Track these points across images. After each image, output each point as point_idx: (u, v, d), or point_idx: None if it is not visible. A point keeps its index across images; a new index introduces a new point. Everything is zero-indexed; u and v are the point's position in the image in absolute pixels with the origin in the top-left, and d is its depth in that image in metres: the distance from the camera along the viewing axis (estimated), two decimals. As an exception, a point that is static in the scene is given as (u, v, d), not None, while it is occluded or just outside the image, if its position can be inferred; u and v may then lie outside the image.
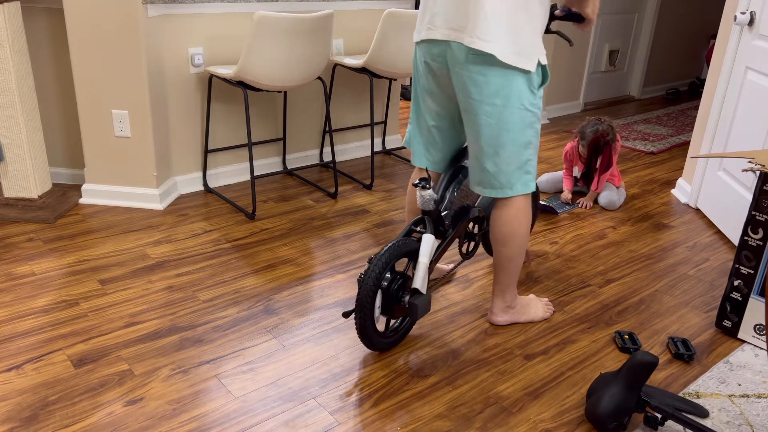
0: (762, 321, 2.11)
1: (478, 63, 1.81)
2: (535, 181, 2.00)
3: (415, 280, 1.92)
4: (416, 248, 1.95)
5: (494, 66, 1.80)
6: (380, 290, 1.89)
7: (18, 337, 2.01)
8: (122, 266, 2.45)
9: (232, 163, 3.34)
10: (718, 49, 3.08)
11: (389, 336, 2.00)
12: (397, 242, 1.91)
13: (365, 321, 1.87)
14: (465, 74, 1.84)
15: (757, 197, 2.03)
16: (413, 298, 1.91)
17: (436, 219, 2.02)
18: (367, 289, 1.83)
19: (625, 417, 1.68)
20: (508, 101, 1.83)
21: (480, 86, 1.83)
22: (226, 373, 1.88)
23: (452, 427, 1.72)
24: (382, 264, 1.85)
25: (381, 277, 1.85)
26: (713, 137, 3.08)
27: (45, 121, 3.09)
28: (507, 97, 1.83)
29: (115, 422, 1.68)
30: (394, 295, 1.93)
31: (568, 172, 3.36)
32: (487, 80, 1.82)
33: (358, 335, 1.91)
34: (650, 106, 5.48)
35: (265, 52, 2.68)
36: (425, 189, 1.94)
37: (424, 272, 1.92)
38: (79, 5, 2.70)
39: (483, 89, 1.83)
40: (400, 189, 3.36)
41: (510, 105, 1.84)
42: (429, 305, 1.95)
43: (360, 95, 3.74)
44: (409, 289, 1.94)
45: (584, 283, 2.49)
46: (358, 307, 1.85)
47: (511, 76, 1.81)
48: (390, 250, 1.88)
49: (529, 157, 1.95)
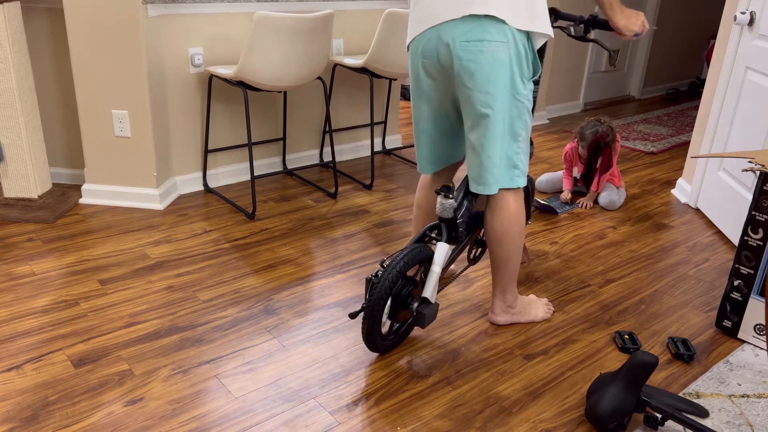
0: (762, 321, 2.11)
1: (469, 49, 1.78)
2: (524, 177, 1.97)
3: (425, 289, 1.90)
4: (430, 255, 1.93)
5: (484, 51, 1.77)
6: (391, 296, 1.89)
7: (18, 337, 2.01)
8: (122, 266, 2.45)
9: (232, 163, 3.34)
10: (718, 49, 3.08)
11: (390, 339, 2.00)
12: (413, 248, 1.89)
13: (374, 325, 1.86)
14: (456, 63, 1.82)
15: (757, 197, 2.03)
16: (422, 306, 1.89)
17: (452, 226, 2.00)
18: (380, 294, 1.82)
19: (625, 417, 1.68)
20: (499, 88, 1.82)
21: (472, 73, 1.81)
22: (226, 373, 1.88)
23: (452, 427, 1.72)
24: (398, 271, 1.83)
25: (396, 283, 1.84)
26: (713, 137, 3.08)
27: (45, 121, 3.09)
28: (497, 83, 1.81)
29: (115, 422, 1.68)
30: (402, 301, 1.92)
31: (567, 173, 3.36)
32: (478, 66, 1.79)
33: (364, 338, 1.91)
34: (650, 106, 5.48)
35: (265, 52, 2.68)
36: (447, 198, 1.92)
37: (436, 281, 1.91)
38: (79, 5, 2.70)
39: (475, 76, 1.81)
40: (400, 189, 3.36)
41: (501, 92, 1.82)
42: (436, 314, 1.94)
43: (360, 95, 3.74)
44: (417, 296, 1.93)
45: (584, 283, 2.49)
46: (369, 311, 1.84)
47: (501, 63, 1.79)
48: (407, 256, 1.86)
49: (518, 150, 1.93)
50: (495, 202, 1.98)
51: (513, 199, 1.97)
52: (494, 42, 1.77)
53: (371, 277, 1.85)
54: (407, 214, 3.05)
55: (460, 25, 1.78)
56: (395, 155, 3.91)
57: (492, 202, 1.99)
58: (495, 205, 1.98)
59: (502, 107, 1.84)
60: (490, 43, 1.77)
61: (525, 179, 1.98)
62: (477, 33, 1.77)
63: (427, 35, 1.86)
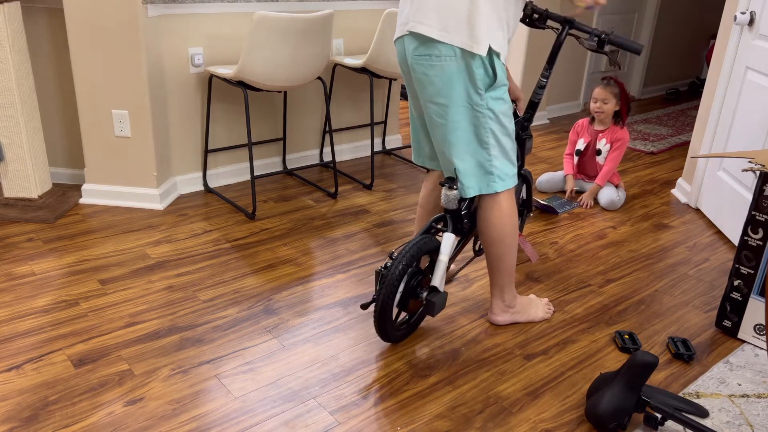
0: (762, 321, 2.11)
1: (421, 63, 1.85)
2: (504, 181, 1.96)
3: (434, 278, 1.96)
4: (437, 246, 1.99)
5: (434, 66, 1.83)
6: (401, 284, 1.94)
7: (18, 337, 2.01)
8: (122, 266, 2.45)
9: (232, 163, 3.34)
10: (718, 49, 3.08)
11: (401, 329, 2.05)
12: (421, 239, 1.94)
13: (385, 315, 1.91)
14: (413, 75, 1.91)
15: (757, 197, 2.03)
16: (431, 295, 1.95)
17: (457, 218, 2.04)
18: (390, 285, 1.88)
19: (625, 417, 1.68)
20: (452, 101, 1.86)
21: (424, 85, 1.88)
22: (226, 373, 1.88)
23: (452, 427, 1.72)
24: (408, 260, 1.89)
25: (405, 272, 1.90)
26: (713, 137, 3.08)
27: (45, 121, 3.09)
28: (449, 96, 1.85)
29: (115, 422, 1.68)
30: (412, 291, 1.97)
31: (569, 156, 3.39)
32: (429, 80, 1.86)
33: (376, 328, 1.95)
34: (650, 106, 5.48)
35: (265, 52, 2.68)
36: (452, 189, 1.96)
37: (444, 270, 1.95)
38: (79, 5, 2.70)
39: (427, 89, 1.88)
40: (400, 189, 3.36)
41: (454, 104, 1.86)
42: (445, 303, 2.00)
43: (360, 95, 3.74)
44: (426, 285, 1.98)
45: (584, 283, 2.49)
46: (380, 301, 1.89)
47: (450, 77, 1.83)
48: (414, 247, 1.92)
49: (488, 157, 1.92)
50: (486, 203, 2.00)
51: (504, 198, 1.98)
52: (442, 56, 1.82)
53: (381, 269, 1.90)
54: (407, 214, 3.05)
55: (414, 40, 1.86)
56: (395, 155, 3.91)
57: (483, 203, 2.01)
58: (486, 206, 2.00)
59: (458, 118, 1.88)
60: (438, 58, 1.82)
61: (506, 183, 1.97)
62: (425, 48, 1.84)
63: (398, 44, 1.96)
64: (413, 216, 3.01)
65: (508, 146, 1.95)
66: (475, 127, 1.89)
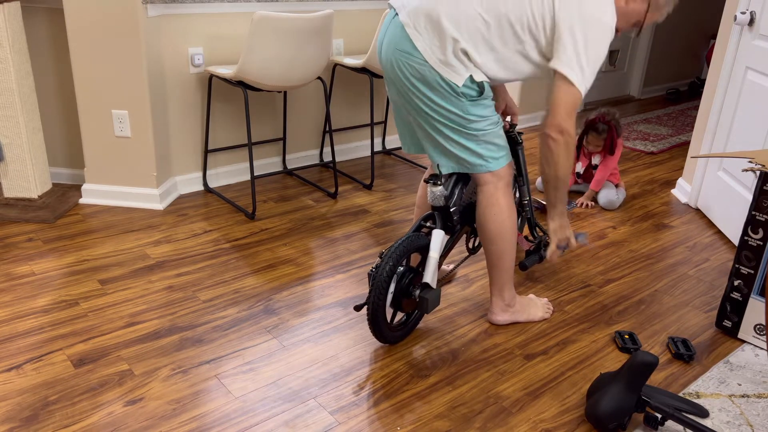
0: (762, 321, 2.11)
1: (399, 59, 1.87)
2: (497, 161, 1.96)
3: (425, 275, 1.95)
4: (427, 243, 1.98)
5: (411, 65, 1.85)
6: (392, 284, 1.93)
7: (18, 337, 2.01)
8: (122, 266, 2.45)
9: (232, 163, 3.34)
10: (718, 49, 3.08)
11: (398, 330, 2.04)
12: (409, 237, 1.94)
13: (378, 314, 1.90)
14: (389, 58, 1.91)
15: (757, 197, 2.03)
16: (424, 292, 1.94)
17: (446, 215, 2.04)
18: (380, 282, 1.87)
19: (625, 417, 1.68)
20: (422, 101, 1.88)
21: (395, 80, 1.90)
22: (226, 373, 1.88)
23: (452, 427, 1.72)
24: (396, 258, 1.88)
25: (394, 270, 1.89)
26: (713, 137, 3.08)
27: (45, 121, 3.09)
28: (421, 98, 1.87)
29: (115, 422, 1.68)
30: (405, 289, 1.97)
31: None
32: (404, 76, 1.88)
33: (370, 328, 1.94)
34: (650, 106, 5.48)
35: (265, 52, 2.68)
36: (436, 185, 1.97)
37: (434, 267, 1.95)
38: (79, 5, 2.70)
39: (396, 84, 1.90)
40: (400, 189, 3.36)
41: (428, 105, 1.88)
42: (439, 299, 1.99)
43: (360, 95, 3.74)
44: (419, 283, 1.97)
45: (584, 283, 2.49)
46: (371, 300, 1.88)
47: (425, 80, 1.84)
48: (403, 244, 1.91)
49: (476, 144, 1.92)
50: (484, 199, 2.00)
51: (501, 195, 1.99)
52: (419, 59, 1.83)
53: (371, 270, 1.90)
54: (407, 214, 3.05)
55: (401, 30, 1.87)
56: (395, 155, 3.91)
57: (482, 200, 2.01)
58: (485, 203, 2.00)
59: (436, 124, 1.90)
60: (416, 59, 1.84)
61: (499, 162, 1.96)
62: (407, 45, 1.85)
63: (388, 16, 1.98)
64: (413, 216, 3.01)
65: (492, 131, 1.93)
66: (454, 134, 1.91)
